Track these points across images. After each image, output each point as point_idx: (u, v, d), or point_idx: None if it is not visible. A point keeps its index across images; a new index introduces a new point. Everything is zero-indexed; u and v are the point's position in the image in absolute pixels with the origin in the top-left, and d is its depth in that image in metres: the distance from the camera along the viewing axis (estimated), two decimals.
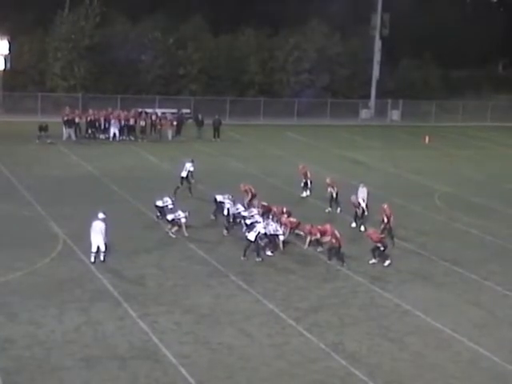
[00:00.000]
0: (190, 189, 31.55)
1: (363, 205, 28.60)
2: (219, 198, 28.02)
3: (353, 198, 28.20)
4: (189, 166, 31.81)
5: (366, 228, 27.01)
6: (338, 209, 29.94)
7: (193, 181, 31.97)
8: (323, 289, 22.02)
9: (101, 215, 23.06)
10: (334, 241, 24.11)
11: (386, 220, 26.21)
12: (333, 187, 30.20)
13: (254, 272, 23.05)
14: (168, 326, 18.78)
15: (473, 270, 24.36)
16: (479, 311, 21.09)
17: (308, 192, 32.75)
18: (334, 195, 30.10)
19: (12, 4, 55.82)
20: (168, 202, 27.00)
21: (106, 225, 22.88)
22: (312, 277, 22.98)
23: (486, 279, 23.60)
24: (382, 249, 24.23)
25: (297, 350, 17.87)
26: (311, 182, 32.67)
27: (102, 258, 22.98)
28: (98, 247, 22.87)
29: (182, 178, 31.59)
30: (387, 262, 24.17)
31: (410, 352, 18.19)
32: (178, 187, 30.97)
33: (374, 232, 24.85)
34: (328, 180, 30.52)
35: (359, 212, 28.05)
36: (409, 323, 19.91)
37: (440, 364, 17.62)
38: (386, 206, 26.69)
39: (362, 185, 29.96)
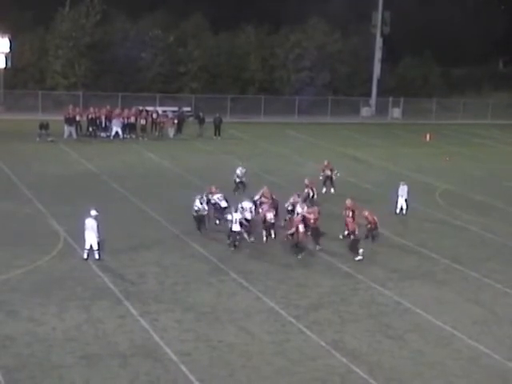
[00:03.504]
0: (237, 188, 31.40)
1: (402, 202, 29.66)
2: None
3: (348, 201, 27.91)
4: (239, 170, 31.77)
5: (343, 236, 26.31)
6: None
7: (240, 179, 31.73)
8: (323, 286, 22.03)
9: (93, 212, 22.89)
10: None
11: (369, 226, 25.96)
12: (311, 188, 29.81)
13: (255, 270, 23.06)
14: (169, 324, 18.80)
15: (473, 267, 24.37)
16: (479, 309, 21.09)
17: (332, 190, 32.56)
18: (311, 195, 29.61)
19: (13, 2, 55.92)
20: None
21: (98, 222, 22.80)
22: (312, 274, 23.01)
23: (486, 277, 23.60)
24: (352, 238, 24.41)
25: (297, 348, 17.89)
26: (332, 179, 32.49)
27: (96, 256, 22.86)
28: (91, 244, 22.80)
29: (237, 183, 31.50)
30: (358, 258, 24.22)
31: (410, 349, 18.21)
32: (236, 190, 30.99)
33: (352, 221, 25.08)
34: (306, 181, 30.15)
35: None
36: (409, 321, 19.92)
37: (440, 361, 17.63)
38: (367, 214, 26.04)
39: (402, 183, 30.34)
